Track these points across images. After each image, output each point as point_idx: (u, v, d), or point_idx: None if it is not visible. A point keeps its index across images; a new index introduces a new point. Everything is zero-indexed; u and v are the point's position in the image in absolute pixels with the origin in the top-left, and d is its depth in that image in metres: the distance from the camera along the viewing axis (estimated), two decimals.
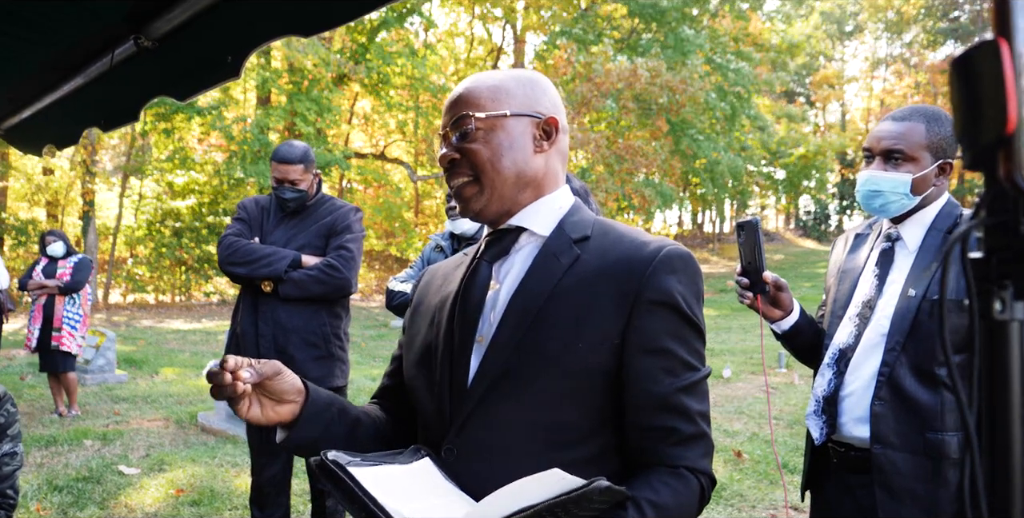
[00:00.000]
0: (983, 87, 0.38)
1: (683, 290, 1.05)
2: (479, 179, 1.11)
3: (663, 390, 1.03)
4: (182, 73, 2.12)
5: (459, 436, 1.07)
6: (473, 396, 1.06)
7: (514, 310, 1.07)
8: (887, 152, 1.80)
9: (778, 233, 41.93)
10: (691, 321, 1.06)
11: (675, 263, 1.05)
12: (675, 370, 1.04)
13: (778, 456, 2.38)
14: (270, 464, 3.08)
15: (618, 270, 1.05)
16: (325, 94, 19.08)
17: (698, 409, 1.05)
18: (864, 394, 1.80)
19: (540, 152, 1.13)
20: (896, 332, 1.75)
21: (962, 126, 0.40)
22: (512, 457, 1.03)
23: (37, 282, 6.30)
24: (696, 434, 1.04)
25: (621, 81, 19.29)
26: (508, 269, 1.14)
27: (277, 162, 3.05)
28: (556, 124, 1.14)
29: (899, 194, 1.79)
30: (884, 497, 1.74)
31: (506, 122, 1.11)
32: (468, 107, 1.11)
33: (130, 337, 12.49)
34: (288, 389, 1.09)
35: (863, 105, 44.07)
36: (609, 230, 1.13)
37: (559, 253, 1.10)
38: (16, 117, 2.98)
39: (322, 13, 1.53)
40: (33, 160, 18.40)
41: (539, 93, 1.15)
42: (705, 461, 1.05)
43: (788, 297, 1.96)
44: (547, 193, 1.16)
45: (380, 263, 26.97)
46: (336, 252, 3.04)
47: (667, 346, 1.03)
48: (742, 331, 13.58)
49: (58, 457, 5.15)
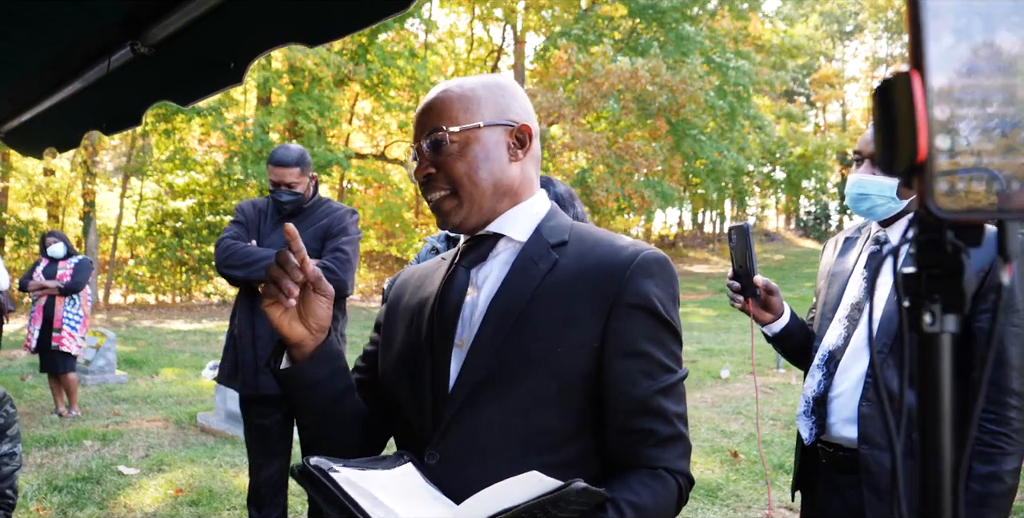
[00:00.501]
0: (898, 116, 0.40)
1: (660, 293, 1.06)
2: (457, 193, 1.11)
3: (641, 392, 1.04)
4: (183, 78, 2.14)
5: (442, 440, 1.07)
6: (455, 400, 1.06)
7: (494, 314, 1.08)
8: (875, 156, 1.82)
9: (778, 233, 41.94)
10: (668, 324, 1.07)
11: (652, 267, 1.06)
12: (653, 372, 1.05)
13: (764, 457, 2.40)
14: (268, 464, 3.10)
15: (596, 274, 1.06)
16: (327, 93, 19.10)
17: (675, 410, 1.06)
18: (852, 395, 1.82)
19: (515, 161, 1.14)
20: (884, 334, 1.78)
21: (881, 152, 0.42)
22: (494, 461, 1.03)
23: (37, 283, 6.33)
24: (673, 435, 1.05)
25: (621, 82, 19.31)
26: (487, 274, 1.14)
27: (273, 165, 3.08)
28: (529, 131, 1.14)
29: (886, 198, 1.81)
30: (871, 497, 1.77)
31: (480, 133, 1.11)
32: (440, 120, 1.10)
33: (130, 337, 12.52)
34: (321, 312, 1.10)
35: (863, 105, 44.08)
36: (586, 235, 1.14)
37: (537, 258, 1.10)
38: (16, 120, 2.99)
39: (327, 23, 1.53)
40: (34, 161, 18.42)
41: (509, 100, 1.14)
42: (683, 462, 1.07)
43: (779, 300, 1.99)
44: (524, 200, 1.16)
45: (380, 263, 26.99)
46: (332, 254, 3.05)
47: (645, 349, 1.04)
48: (741, 331, 13.60)
49: (58, 457, 5.17)
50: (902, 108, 0.39)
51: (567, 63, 20.63)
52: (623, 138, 20.96)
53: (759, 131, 26.66)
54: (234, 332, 3.14)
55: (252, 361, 3.03)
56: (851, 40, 45.57)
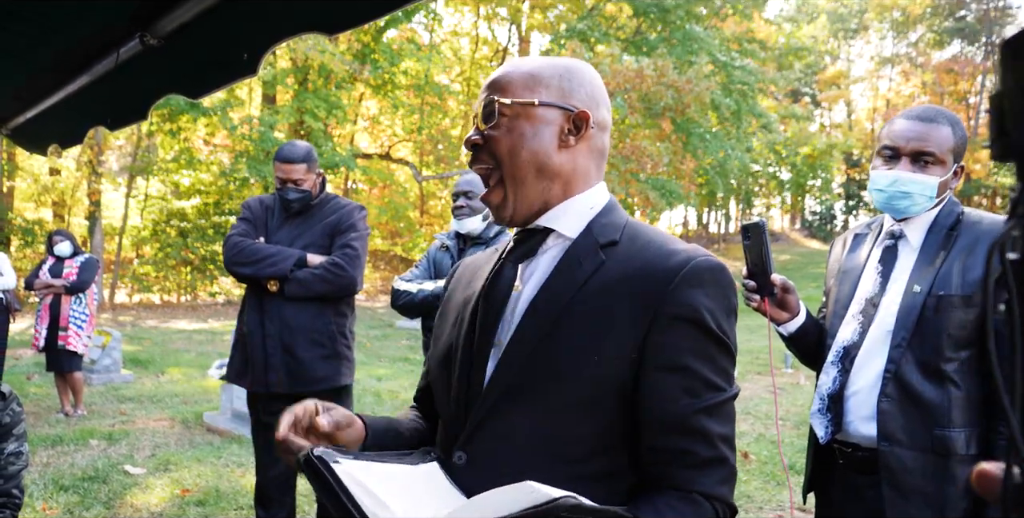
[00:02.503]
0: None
1: (710, 304, 0.98)
2: (499, 168, 1.07)
3: (681, 410, 0.96)
4: (193, 71, 2.11)
5: (470, 442, 1.04)
6: (486, 402, 1.03)
7: (531, 316, 1.03)
8: (917, 153, 1.78)
9: (784, 233, 41.86)
10: (718, 338, 0.98)
11: (703, 275, 0.98)
12: (696, 390, 0.97)
13: (784, 457, 2.36)
14: (274, 464, 3.07)
15: (640, 280, 0.99)
16: (333, 91, 19.09)
17: (720, 432, 0.98)
18: (870, 392, 1.79)
19: (565, 147, 1.07)
20: (902, 328, 1.75)
21: (1015, 112, 0.36)
22: (521, 466, 0.98)
23: (43, 281, 6.31)
24: (714, 458, 0.98)
25: (627, 82, 19.28)
26: (533, 271, 1.09)
27: (280, 162, 3.05)
28: (587, 118, 1.07)
29: (926, 197, 1.78)
30: (893, 495, 1.73)
31: (533, 111, 1.05)
32: (498, 92, 1.07)
33: (136, 337, 12.51)
34: (354, 439, 1.09)
35: (869, 105, 43.96)
36: (638, 235, 1.06)
37: (583, 258, 1.04)
38: (22, 116, 2.97)
39: (346, 9, 1.49)
40: (39, 160, 18.46)
41: (576, 85, 1.09)
42: (723, 488, 0.99)
43: (795, 299, 1.94)
44: (577, 192, 1.09)
45: (385, 263, 26.99)
46: (341, 251, 3.03)
47: (688, 364, 0.97)
48: (747, 331, 13.54)
49: (64, 457, 5.15)
50: None
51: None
52: (629, 138, 20.91)
53: (764, 130, 26.59)
54: (243, 330, 3.11)
55: (262, 358, 3.00)
56: (856, 39, 45.43)
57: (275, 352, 2.97)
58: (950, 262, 1.73)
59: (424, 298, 2.97)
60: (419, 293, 2.99)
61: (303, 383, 2.95)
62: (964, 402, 1.70)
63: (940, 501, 1.69)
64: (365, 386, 7.98)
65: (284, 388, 2.96)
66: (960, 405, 1.69)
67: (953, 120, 1.80)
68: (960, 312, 1.69)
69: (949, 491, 1.69)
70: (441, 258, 3.20)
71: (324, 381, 2.99)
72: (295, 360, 2.97)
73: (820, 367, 1.95)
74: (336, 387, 3.04)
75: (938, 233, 1.80)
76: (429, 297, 2.96)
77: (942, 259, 1.75)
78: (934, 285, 1.73)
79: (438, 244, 3.28)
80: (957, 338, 1.70)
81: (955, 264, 1.73)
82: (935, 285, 1.73)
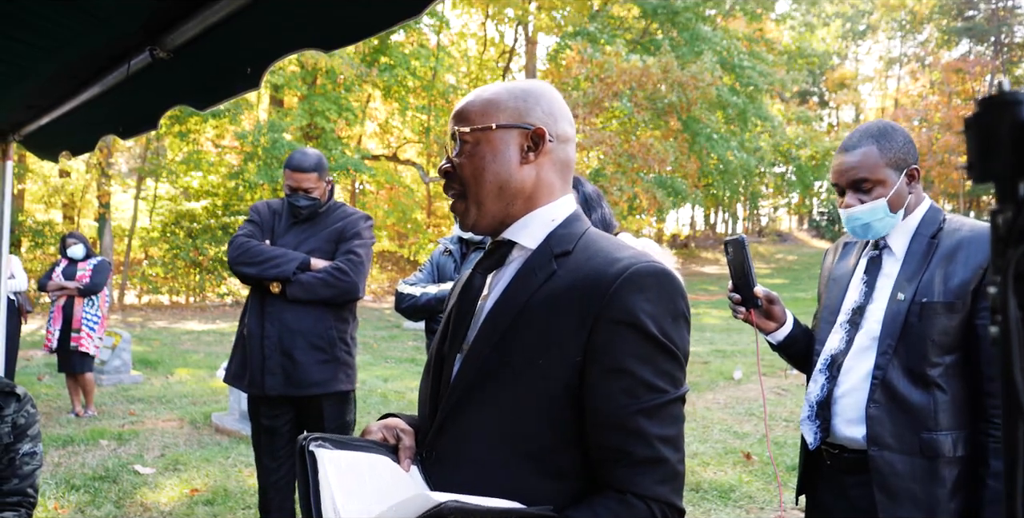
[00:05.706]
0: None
1: (651, 309, 1.01)
2: (465, 193, 1.15)
3: (619, 411, 1.00)
4: (201, 83, 2.17)
5: (437, 439, 1.11)
6: (450, 401, 1.10)
7: (490, 321, 1.11)
8: (853, 183, 1.85)
9: (791, 234, 41.73)
10: (658, 342, 1.01)
11: (644, 281, 1.02)
12: (635, 391, 1.00)
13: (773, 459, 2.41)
14: (276, 468, 3.09)
15: (584, 287, 1.04)
16: (343, 94, 19.15)
17: (658, 433, 1.01)
18: (858, 397, 1.83)
19: (527, 163, 1.14)
20: (887, 335, 1.79)
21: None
22: (482, 464, 1.06)
23: (57, 283, 6.39)
24: (652, 458, 1.00)
25: (633, 80, 19.28)
26: (499, 280, 1.18)
27: (291, 170, 3.07)
28: (543, 134, 1.13)
29: (882, 219, 1.83)
30: (883, 499, 1.77)
31: (492, 135, 1.13)
32: (461, 122, 1.15)
33: (145, 338, 12.62)
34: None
35: (877, 105, 43.80)
36: (591, 244, 1.11)
37: (538, 268, 1.11)
38: (34, 124, 3.04)
39: (342, 29, 1.56)
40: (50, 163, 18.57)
41: (532, 104, 1.15)
42: (662, 488, 1.00)
43: (781, 309, 2.03)
44: (540, 205, 1.16)
45: (392, 264, 27.07)
46: (345, 256, 3.06)
47: (627, 366, 1.00)
48: (752, 333, 13.52)
49: (75, 457, 5.23)
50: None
51: (580, 63, 20.60)
52: (635, 136, 20.92)
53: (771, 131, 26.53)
54: (243, 331, 3.12)
55: (259, 360, 3.00)
56: (865, 40, 45.26)
57: (273, 354, 2.98)
58: (932, 270, 1.78)
59: (427, 301, 3.01)
60: (422, 296, 3.03)
61: (298, 386, 2.95)
62: (950, 406, 1.74)
63: (929, 503, 1.73)
64: (371, 387, 8.04)
65: (279, 391, 2.97)
66: (946, 409, 1.73)
67: (879, 135, 1.82)
68: (943, 318, 1.73)
69: (938, 493, 1.73)
70: (444, 262, 3.25)
71: (320, 385, 2.98)
72: (292, 363, 2.97)
73: (809, 374, 2.00)
74: (332, 392, 3.03)
75: (920, 241, 1.84)
76: (432, 300, 3.00)
77: (924, 267, 1.79)
78: (917, 292, 1.77)
79: (441, 248, 3.33)
80: (941, 344, 1.74)
81: (937, 271, 1.77)
82: (918, 292, 1.77)
